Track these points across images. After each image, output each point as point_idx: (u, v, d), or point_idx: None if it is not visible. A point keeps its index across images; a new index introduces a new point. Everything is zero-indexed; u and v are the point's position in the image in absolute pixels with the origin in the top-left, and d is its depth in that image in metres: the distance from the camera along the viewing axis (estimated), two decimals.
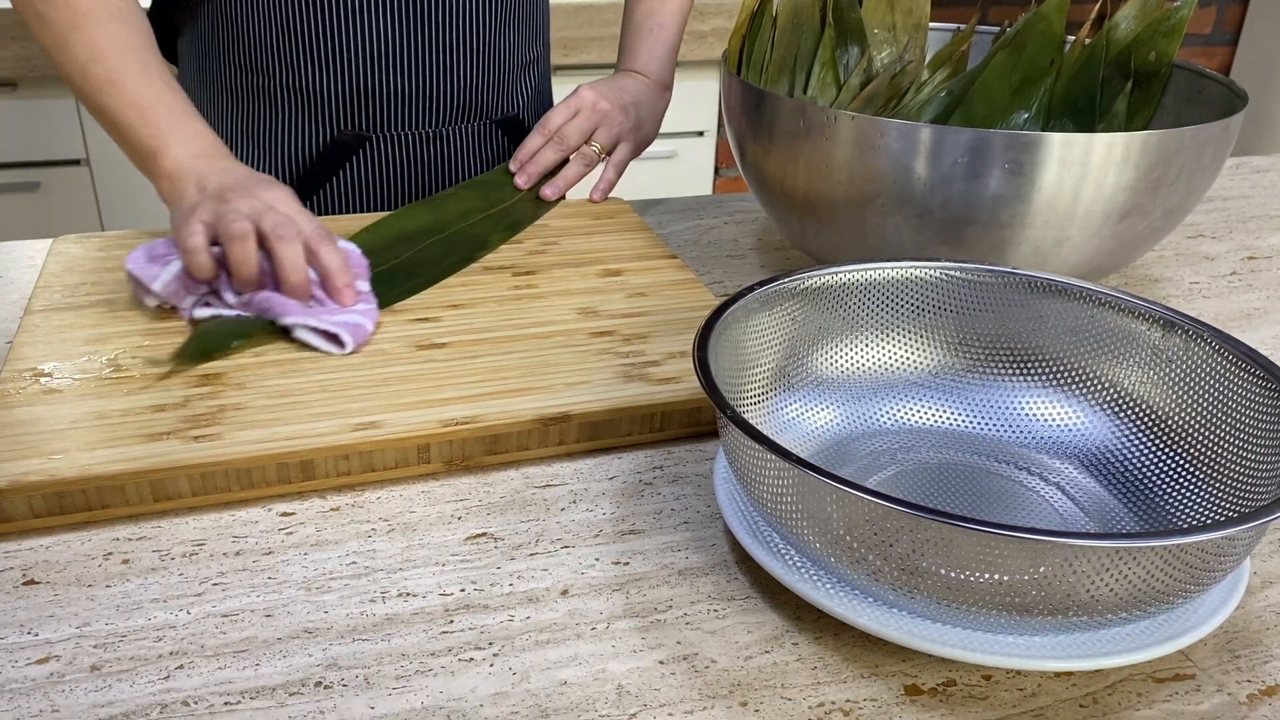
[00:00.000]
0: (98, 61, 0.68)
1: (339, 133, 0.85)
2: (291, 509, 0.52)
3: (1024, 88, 0.78)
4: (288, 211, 0.65)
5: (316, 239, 0.64)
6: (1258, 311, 0.76)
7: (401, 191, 0.88)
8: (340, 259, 0.64)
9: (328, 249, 0.64)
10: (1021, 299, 0.55)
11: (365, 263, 0.68)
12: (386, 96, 0.84)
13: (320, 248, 0.64)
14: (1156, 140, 0.61)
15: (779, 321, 0.54)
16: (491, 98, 0.88)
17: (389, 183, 0.88)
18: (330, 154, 0.85)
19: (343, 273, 0.63)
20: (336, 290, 0.63)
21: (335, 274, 0.63)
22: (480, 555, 0.49)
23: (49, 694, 0.41)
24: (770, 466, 0.41)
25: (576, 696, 0.41)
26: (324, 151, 0.85)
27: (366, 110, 0.84)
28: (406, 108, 0.85)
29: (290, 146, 0.85)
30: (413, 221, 0.78)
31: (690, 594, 0.47)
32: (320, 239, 0.64)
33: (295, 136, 0.85)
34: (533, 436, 0.55)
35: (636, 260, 0.74)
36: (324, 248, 0.64)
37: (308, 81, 0.82)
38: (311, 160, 0.86)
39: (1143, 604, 0.39)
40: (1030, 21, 0.76)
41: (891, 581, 0.40)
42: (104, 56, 0.69)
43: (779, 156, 0.68)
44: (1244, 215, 0.96)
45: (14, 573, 0.47)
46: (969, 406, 0.56)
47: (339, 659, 0.43)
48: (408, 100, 0.84)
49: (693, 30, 1.74)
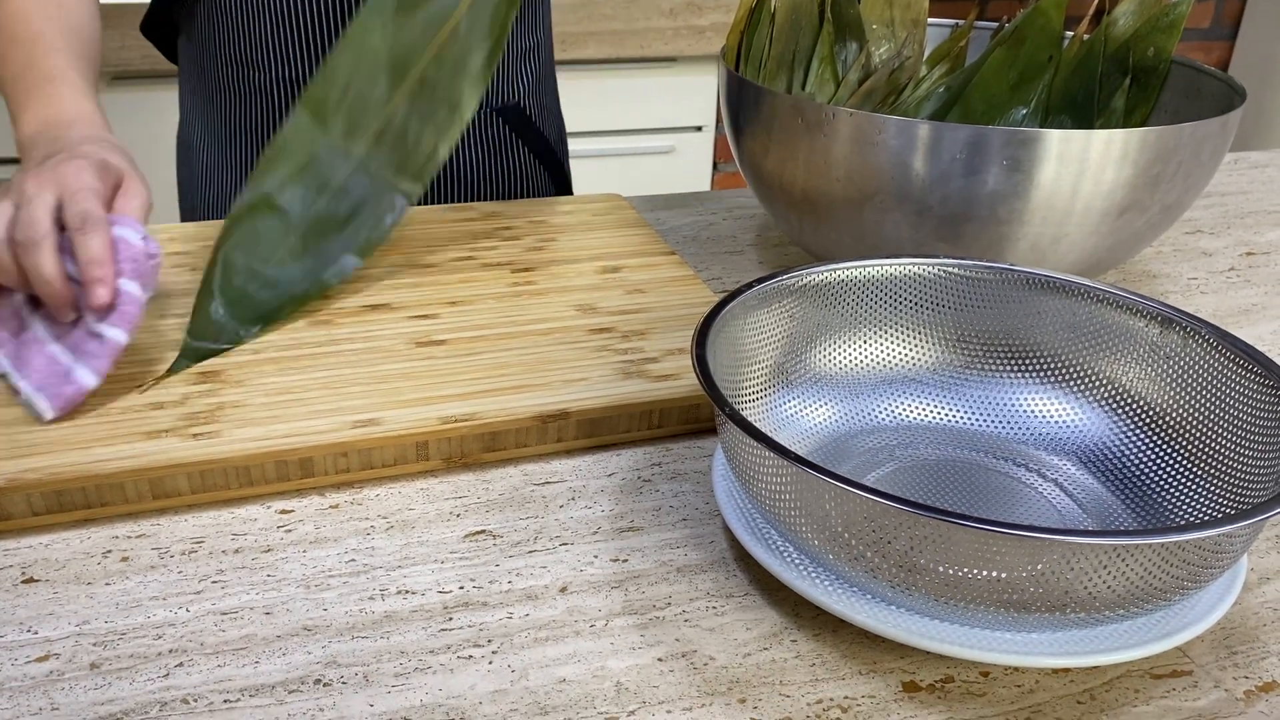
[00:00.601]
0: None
1: None
2: (290, 506, 0.52)
3: (1022, 84, 0.78)
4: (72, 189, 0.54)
5: (75, 224, 0.53)
6: (1256, 307, 0.76)
7: None
8: (100, 246, 0.53)
9: (86, 236, 0.53)
10: (1020, 295, 0.55)
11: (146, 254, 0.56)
12: None
13: (78, 235, 0.53)
14: (1155, 137, 0.61)
15: (777, 318, 0.54)
16: (490, 85, 0.88)
17: None
18: None
19: (97, 265, 0.53)
20: (86, 284, 0.53)
21: (87, 264, 0.53)
22: (479, 552, 0.49)
23: (49, 692, 0.41)
24: (768, 464, 0.41)
25: (575, 693, 0.41)
26: None
27: None
28: None
29: None
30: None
31: (689, 591, 0.47)
32: (80, 224, 0.53)
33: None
34: (531, 433, 0.55)
35: (635, 256, 0.74)
36: (81, 235, 0.53)
37: (302, 74, 0.82)
38: None
39: (1140, 601, 0.39)
40: (1029, 17, 0.76)
41: (889, 579, 0.40)
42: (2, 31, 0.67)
43: (777, 153, 0.68)
44: (1242, 211, 0.96)
45: (13, 570, 0.47)
46: (967, 403, 0.56)
47: (338, 656, 0.43)
48: None
49: (691, 25, 1.74)
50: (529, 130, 0.91)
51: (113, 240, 0.55)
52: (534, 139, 0.92)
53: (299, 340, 0.61)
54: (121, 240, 0.55)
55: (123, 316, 0.54)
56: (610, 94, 1.78)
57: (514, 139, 0.91)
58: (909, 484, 0.51)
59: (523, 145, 0.92)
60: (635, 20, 1.71)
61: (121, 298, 0.55)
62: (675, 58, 1.78)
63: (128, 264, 0.55)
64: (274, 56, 0.82)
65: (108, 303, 0.54)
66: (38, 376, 0.54)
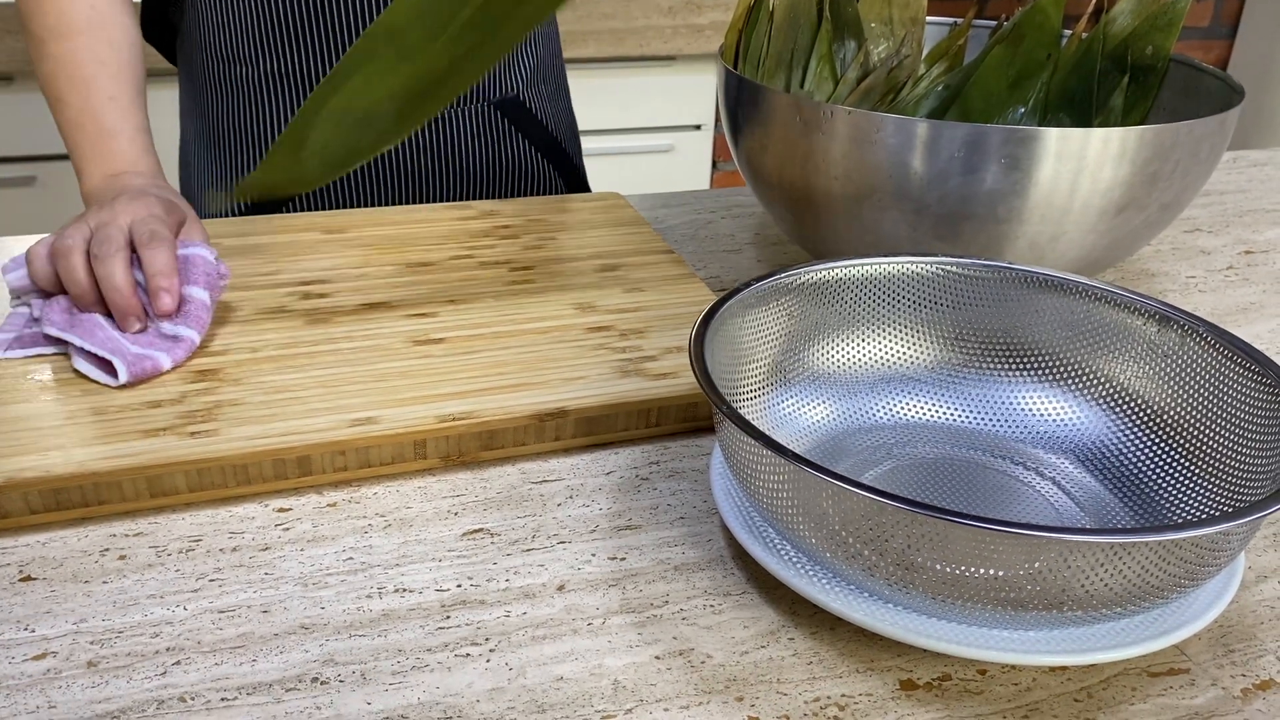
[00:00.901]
0: (53, 79, 0.71)
1: None
2: (288, 505, 0.52)
3: (1021, 81, 0.78)
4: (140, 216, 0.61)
5: (144, 240, 0.59)
6: (1254, 306, 0.76)
7: (401, 178, 0.88)
8: (165, 260, 0.59)
9: (153, 250, 0.59)
10: (1018, 294, 0.55)
11: (218, 272, 0.62)
12: None
13: (145, 250, 0.59)
14: (1153, 135, 0.61)
15: (775, 317, 0.54)
16: (487, 75, 0.87)
17: (387, 170, 0.87)
18: None
19: (164, 276, 0.58)
20: (152, 292, 0.58)
21: (154, 275, 0.58)
22: (477, 551, 0.49)
23: (46, 690, 0.41)
24: (766, 462, 0.41)
25: (572, 692, 0.41)
26: None
27: None
28: None
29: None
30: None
31: (686, 589, 0.47)
32: (148, 240, 0.59)
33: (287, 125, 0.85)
34: (529, 432, 0.55)
35: (633, 255, 0.74)
36: (149, 249, 0.59)
37: (294, 68, 0.82)
38: None
39: (1137, 599, 0.39)
40: (1027, 15, 0.76)
41: (887, 577, 0.40)
42: (59, 72, 0.71)
43: (775, 151, 0.68)
44: (1240, 209, 0.96)
45: (10, 569, 0.47)
46: (965, 401, 0.56)
47: (336, 655, 0.43)
48: None
49: (690, 24, 1.74)
50: (530, 123, 0.91)
51: (189, 256, 0.62)
52: (536, 132, 0.92)
53: (297, 339, 0.61)
54: (198, 256, 0.62)
55: (194, 319, 0.60)
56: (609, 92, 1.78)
57: (515, 133, 0.90)
58: (907, 482, 0.51)
59: (524, 139, 0.91)
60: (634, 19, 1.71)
61: (193, 303, 0.60)
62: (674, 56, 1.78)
63: (201, 276, 0.61)
64: (257, 50, 0.82)
65: (171, 309, 0.59)
66: (110, 344, 0.57)
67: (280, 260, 0.72)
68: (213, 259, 0.62)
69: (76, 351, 0.57)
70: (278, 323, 0.63)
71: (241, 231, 0.76)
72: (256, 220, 0.79)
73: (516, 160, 0.91)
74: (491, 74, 0.87)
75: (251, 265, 0.71)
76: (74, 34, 0.70)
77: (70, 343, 0.57)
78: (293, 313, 0.64)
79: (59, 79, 0.70)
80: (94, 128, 0.69)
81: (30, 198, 1.57)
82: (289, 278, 0.69)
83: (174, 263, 0.60)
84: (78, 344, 0.57)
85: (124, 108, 0.71)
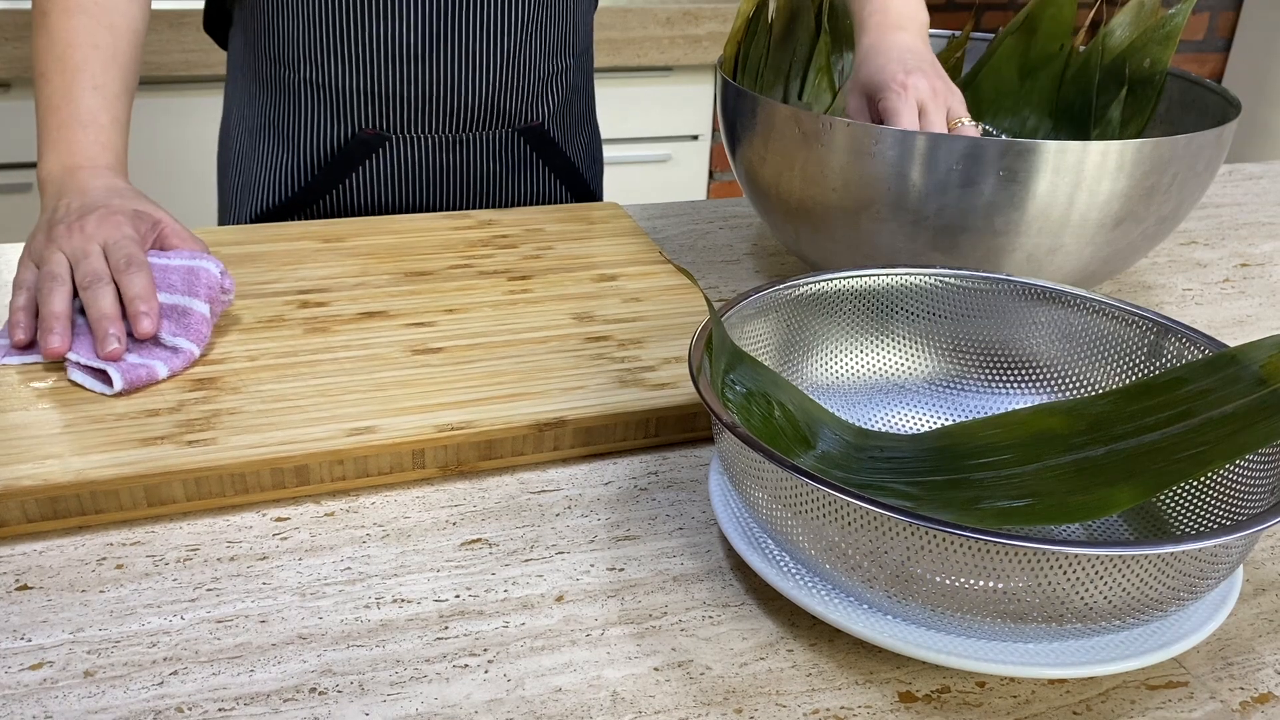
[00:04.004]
0: (44, 54, 0.70)
1: (360, 130, 0.85)
2: (286, 514, 0.51)
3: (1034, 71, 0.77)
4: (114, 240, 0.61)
5: (120, 267, 0.60)
6: (1250, 318, 0.77)
7: (419, 194, 0.88)
8: (143, 284, 0.60)
9: (130, 276, 0.60)
10: (1015, 306, 0.55)
11: (222, 287, 0.63)
12: (408, 97, 0.84)
13: (123, 276, 0.60)
14: (1150, 148, 0.61)
15: (774, 327, 0.54)
16: (515, 105, 0.88)
17: (407, 184, 0.88)
18: (350, 151, 0.85)
19: (143, 300, 0.59)
20: (132, 316, 0.59)
21: (133, 300, 0.59)
22: (475, 561, 0.49)
23: (42, 700, 0.40)
24: (765, 472, 0.41)
25: (571, 703, 0.41)
26: (344, 148, 0.85)
27: (388, 110, 0.84)
28: (428, 110, 0.85)
29: (312, 141, 0.86)
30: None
31: (685, 600, 0.47)
32: (125, 267, 0.60)
33: (317, 132, 0.85)
34: (528, 442, 0.55)
35: (631, 265, 0.74)
36: (126, 275, 0.60)
37: (331, 78, 0.83)
38: (331, 156, 0.86)
39: (1136, 611, 0.39)
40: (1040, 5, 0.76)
41: (886, 588, 0.40)
42: (52, 49, 0.70)
43: (774, 163, 0.69)
44: (1237, 222, 0.96)
45: (7, 578, 0.47)
46: (963, 412, 0.56)
47: (333, 665, 0.42)
48: (429, 102, 0.84)
49: (687, 35, 1.74)
50: (550, 150, 0.92)
51: (195, 269, 0.62)
52: (555, 158, 0.93)
53: (295, 348, 0.61)
54: (203, 270, 0.62)
55: (194, 332, 0.60)
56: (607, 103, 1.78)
57: (534, 157, 0.91)
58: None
59: (543, 164, 0.92)
60: (631, 29, 1.72)
61: (194, 317, 0.60)
62: (672, 67, 1.78)
63: (204, 289, 0.61)
64: (307, 60, 0.83)
65: (152, 331, 0.59)
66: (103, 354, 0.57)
67: (279, 269, 0.72)
68: (218, 273, 0.62)
69: (72, 365, 0.57)
70: (276, 331, 0.63)
71: (240, 240, 0.76)
72: (254, 229, 0.79)
73: (534, 185, 0.93)
74: (520, 104, 0.88)
75: (250, 274, 0.71)
76: (78, 11, 0.70)
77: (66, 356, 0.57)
78: (291, 321, 0.64)
79: (49, 55, 0.69)
80: (68, 113, 0.68)
81: (28, 205, 1.57)
82: (287, 286, 0.69)
83: (152, 286, 0.60)
84: (72, 358, 0.57)
85: (105, 99, 0.70)
